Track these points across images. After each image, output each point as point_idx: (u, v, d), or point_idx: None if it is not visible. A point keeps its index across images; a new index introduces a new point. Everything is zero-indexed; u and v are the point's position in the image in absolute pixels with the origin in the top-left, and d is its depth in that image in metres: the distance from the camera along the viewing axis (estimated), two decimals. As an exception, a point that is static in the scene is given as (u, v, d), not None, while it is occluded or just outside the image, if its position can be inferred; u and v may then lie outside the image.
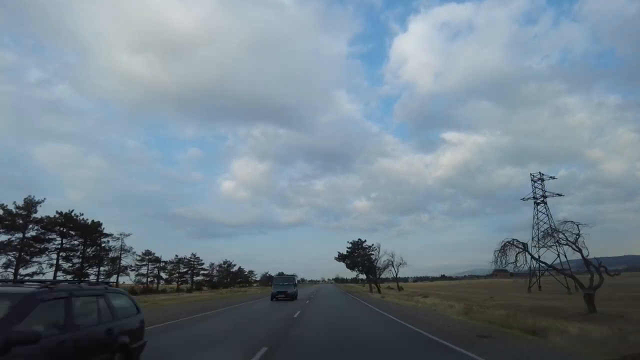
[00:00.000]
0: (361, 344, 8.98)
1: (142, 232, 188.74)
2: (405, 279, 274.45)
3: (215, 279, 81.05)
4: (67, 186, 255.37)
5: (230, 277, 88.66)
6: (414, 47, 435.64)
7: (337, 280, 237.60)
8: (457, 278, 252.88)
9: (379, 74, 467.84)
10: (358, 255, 50.13)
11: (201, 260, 73.61)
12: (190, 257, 71.10)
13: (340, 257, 53.04)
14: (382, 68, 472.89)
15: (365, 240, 51.80)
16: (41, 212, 35.39)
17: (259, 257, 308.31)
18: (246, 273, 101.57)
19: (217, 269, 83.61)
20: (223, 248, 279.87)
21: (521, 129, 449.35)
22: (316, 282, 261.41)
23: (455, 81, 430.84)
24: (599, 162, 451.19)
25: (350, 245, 52.24)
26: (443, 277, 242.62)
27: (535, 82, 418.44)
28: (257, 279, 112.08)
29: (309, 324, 13.14)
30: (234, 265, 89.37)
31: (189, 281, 71.32)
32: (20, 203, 33.17)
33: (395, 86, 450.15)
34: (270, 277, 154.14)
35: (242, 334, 10.89)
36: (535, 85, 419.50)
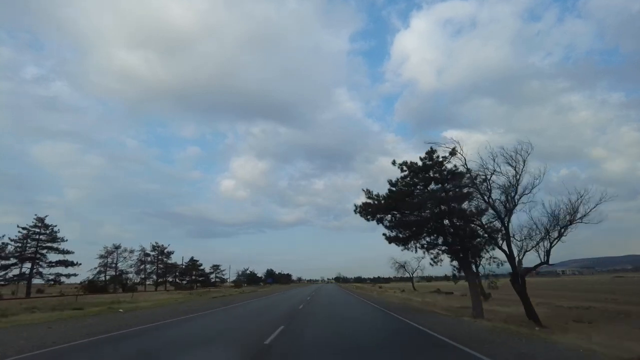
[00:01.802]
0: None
1: (141, 230, 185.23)
2: (409, 279, 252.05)
3: (100, 276, 45.38)
4: (65, 185, 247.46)
5: (159, 272, 54.72)
6: (416, 44, 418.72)
7: (339, 279, 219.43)
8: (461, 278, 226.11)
9: (380, 71, 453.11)
10: (442, 196, 16.06)
11: (57, 235, 37.85)
12: (34, 225, 36.67)
13: (371, 209, 17.78)
14: (384, 65, 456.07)
15: (454, 151, 15.34)
16: None
17: (258, 256, 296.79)
18: (205, 269, 67.74)
19: (129, 256, 48.97)
20: (222, 247, 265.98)
21: (523, 126, 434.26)
22: (315, 281, 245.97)
23: (458, 78, 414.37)
24: (601, 161, 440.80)
25: (404, 175, 17.78)
26: (454, 277, 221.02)
27: (539, 79, 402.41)
28: (227, 277, 79.19)
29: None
30: (168, 252, 55.11)
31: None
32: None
33: (396, 84, 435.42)
34: (253, 275, 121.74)
35: None
36: (539, 83, 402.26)
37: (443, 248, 17.43)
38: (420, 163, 18.01)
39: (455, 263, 17.70)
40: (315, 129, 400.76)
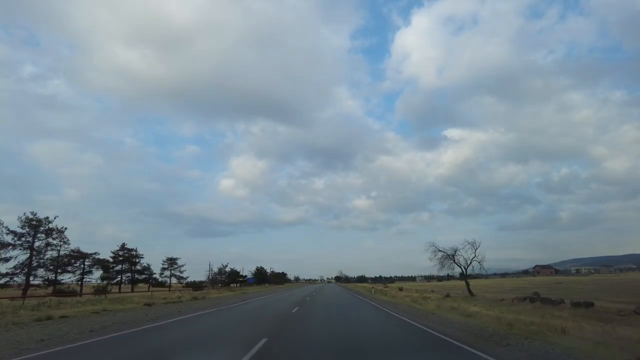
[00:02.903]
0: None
1: (139, 230, 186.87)
2: (413, 278, 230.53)
3: None
4: (64, 184, 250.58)
5: (33, 265, 30.85)
6: (417, 41, 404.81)
7: (340, 279, 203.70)
8: (476, 276, 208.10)
9: (380, 68, 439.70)
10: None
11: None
12: None
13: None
14: (384, 63, 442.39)
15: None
16: None
17: (257, 256, 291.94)
18: (142, 263, 44.53)
19: None
20: (221, 247, 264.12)
21: (525, 125, 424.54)
22: (314, 281, 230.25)
23: (459, 76, 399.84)
24: (603, 160, 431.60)
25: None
26: (462, 276, 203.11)
27: (541, 77, 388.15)
28: (184, 275, 56.16)
29: None
30: (52, 229, 31.60)
31: None
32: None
33: (397, 81, 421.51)
34: (236, 274, 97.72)
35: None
36: (540, 81, 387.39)
37: None
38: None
39: None
40: (315, 127, 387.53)
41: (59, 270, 32.82)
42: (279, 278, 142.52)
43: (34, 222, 30.41)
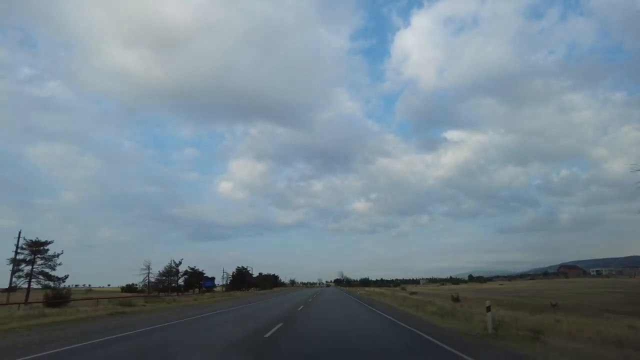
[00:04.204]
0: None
1: (138, 234, 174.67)
2: (417, 281, 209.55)
3: None
4: (61, 187, 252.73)
5: None
6: (417, 42, 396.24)
7: (340, 282, 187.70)
8: (488, 279, 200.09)
9: (380, 69, 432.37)
10: None
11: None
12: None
13: None
14: (384, 64, 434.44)
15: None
16: None
17: (256, 259, 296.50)
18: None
19: None
20: (219, 250, 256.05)
21: (525, 127, 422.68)
22: (312, 284, 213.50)
23: (459, 77, 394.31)
24: (602, 161, 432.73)
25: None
26: (471, 278, 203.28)
27: (541, 77, 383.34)
28: (57, 273, 31.00)
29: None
30: None
31: None
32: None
33: (397, 82, 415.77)
34: (199, 275, 69.30)
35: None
36: (541, 81, 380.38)
37: None
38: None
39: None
40: (314, 129, 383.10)
41: None
42: (267, 281, 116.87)
43: None
